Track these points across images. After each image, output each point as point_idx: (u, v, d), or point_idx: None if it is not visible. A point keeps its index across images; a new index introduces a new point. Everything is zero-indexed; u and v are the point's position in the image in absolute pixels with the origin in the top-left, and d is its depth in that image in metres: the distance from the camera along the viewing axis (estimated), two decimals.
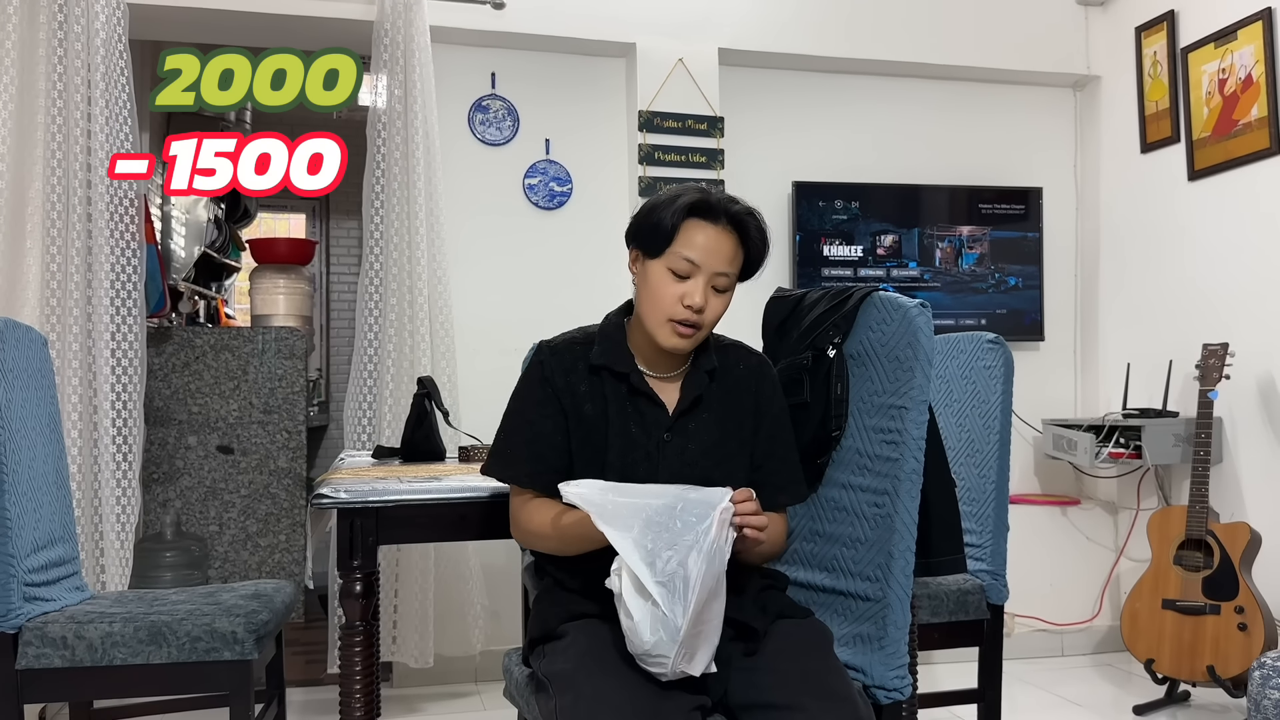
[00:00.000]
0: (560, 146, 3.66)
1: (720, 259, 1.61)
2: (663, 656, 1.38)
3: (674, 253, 1.61)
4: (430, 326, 3.28)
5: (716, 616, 1.44)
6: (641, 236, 1.66)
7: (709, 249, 1.60)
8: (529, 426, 1.68)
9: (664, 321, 1.62)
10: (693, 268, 1.60)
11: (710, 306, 1.62)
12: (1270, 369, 3.27)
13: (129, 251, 3.01)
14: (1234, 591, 2.99)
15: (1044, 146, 4.14)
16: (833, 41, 3.81)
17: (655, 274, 1.63)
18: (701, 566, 1.36)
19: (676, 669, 1.39)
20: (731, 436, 1.69)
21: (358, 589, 1.87)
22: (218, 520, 3.93)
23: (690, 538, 1.38)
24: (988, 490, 2.47)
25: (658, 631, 1.37)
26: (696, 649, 1.40)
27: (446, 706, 3.26)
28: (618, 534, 1.39)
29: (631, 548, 1.38)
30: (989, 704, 2.46)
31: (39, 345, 2.23)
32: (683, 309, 1.60)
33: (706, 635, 1.42)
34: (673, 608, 1.36)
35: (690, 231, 1.61)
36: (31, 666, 1.94)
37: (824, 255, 3.81)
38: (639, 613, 1.38)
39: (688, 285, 1.60)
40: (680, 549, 1.37)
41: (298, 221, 6.63)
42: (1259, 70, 3.29)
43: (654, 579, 1.37)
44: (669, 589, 1.36)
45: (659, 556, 1.37)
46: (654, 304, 1.63)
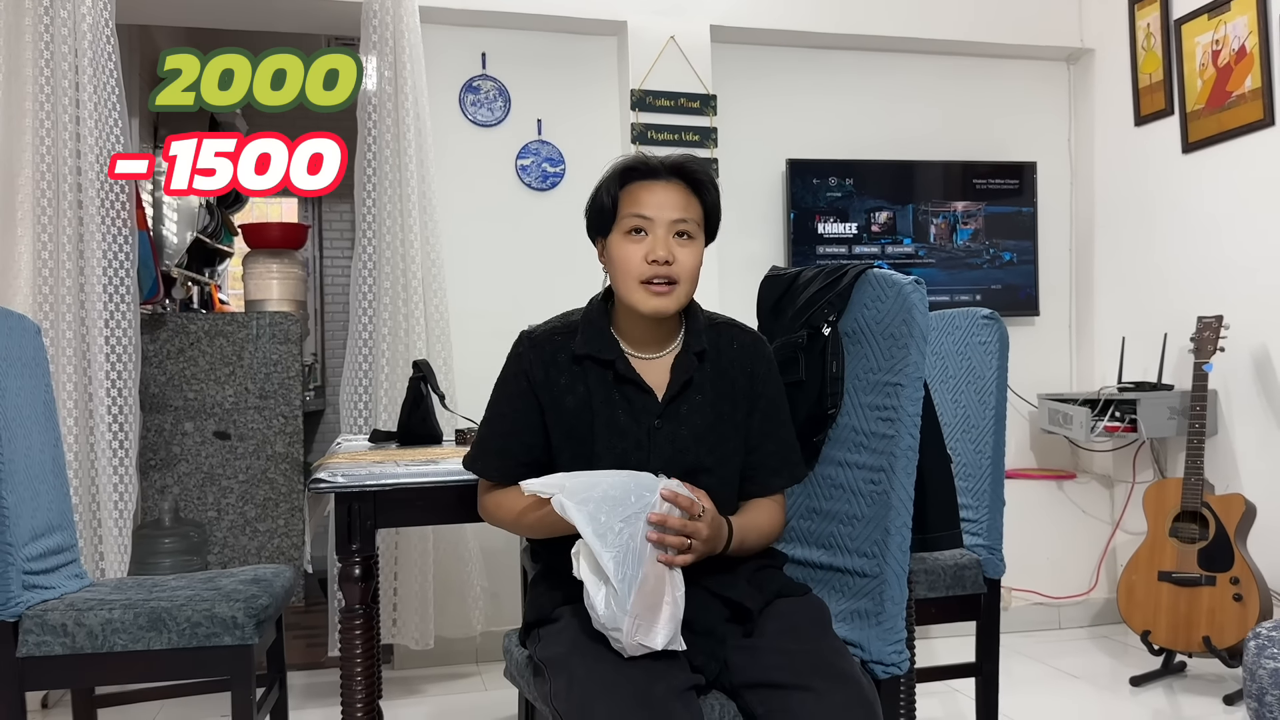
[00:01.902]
0: (552, 127, 3.64)
1: (671, 207, 1.59)
2: (616, 630, 1.39)
3: (623, 218, 1.60)
4: (425, 309, 3.28)
5: (676, 589, 1.45)
6: (593, 223, 1.66)
7: (656, 202, 1.59)
8: (500, 420, 1.68)
9: (636, 286, 1.59)
10: (646, 222, 1.59)
11: (679, 257, 1.59)
12: (1265, 341, 3.28)
13: (120, 238, 3.00)
14: (1229, 563, 3.01)
15: (1038, 121, 4.13)
16: (826, 17, 3.79)
17: (615, 246, 1.61)
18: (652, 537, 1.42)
19: (633, 641, 1.39)
20: (725, 419, 1.66)
21: (357, 572, 1.88)
22: (216, 506, 3.93)
23: (640, 508, 1.43)
24: (984, 465, 2.48)
25: (610, 605, 1.39)
26: (654, 621, 1.40)
27: (448, 688, 3.27)
28: (574, 506, 1.41)
29: (586, 521, 1.40)
30: (986, 677, 2.47)
31: (32, 334, 2.23)
32: (648, 265, 1.57)
33: (665, 608, 1.42)
34: (622, 578, 1.38)
35: (632, 193, 1.61)
36: (32, 654, 1.95)
37: (819, 233, 3.80)
38: (594, 588, 1.40)
39: (647, 241, 1.59)
40: (631, 521, 1.41)
41: (290, 206, 6.60)
42: (1252, 41, 3.28)
43: (606, 551, 1.39)
44: (619, 561, 1.39)
45: (610, 530, 1.40)
46: (623, 273, 1.60)
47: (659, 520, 1.44)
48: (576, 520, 1.40)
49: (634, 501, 1.44)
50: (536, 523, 1.58)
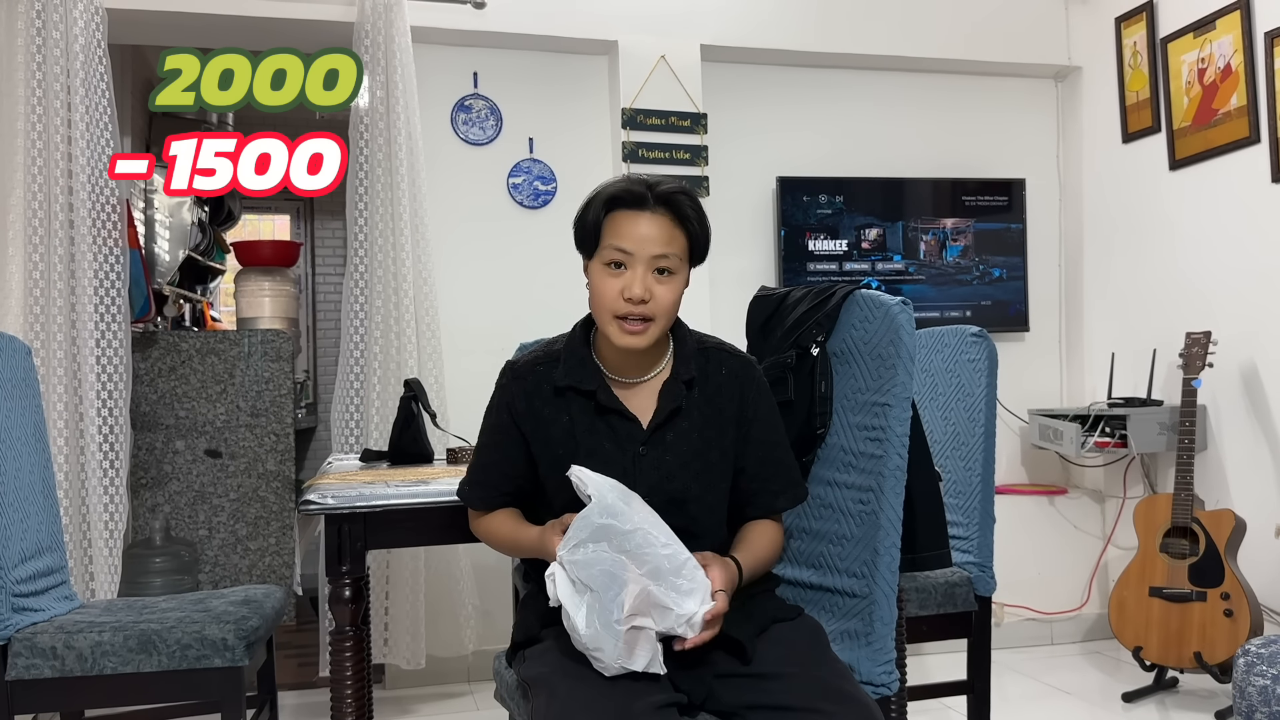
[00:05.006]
0: (544, 145, 3.66)
1: (653, 243, 1.56)
2: (598, 650, 1.39)
3: (605, 247, 1.58)
4: (416, 328, 3.28)
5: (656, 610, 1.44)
6: (578, 240, 1.64)
7: (639, 236, 1.56)
8: (483, 450, 1.71)
9: (611, 320, 1.57)
10: (626, 257, 1.56)
11: (657, 295, 1.55)
12: (1253, 356, 3.30)
13: (112, 257, 3.00)
14: (1220, 578, 3.01)
15: (1026, 138, 4.16)
16: (815, 36, 3.81)
17: (595, 273, 1.60)
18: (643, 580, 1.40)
19: (615, 663, 1.39)
20: (713, 445, 1.63)
21: (347, 594, 1.87)
22: (207, 524, 3.92)
23: (621, 531, 1.42)
24: (974, 483, 2.48)
25: (593, 624, 1.39)
26: (635, 643, 1.40)
27: (439, 707, 3.26)
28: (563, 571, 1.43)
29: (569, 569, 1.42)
30: (978, 694, 2.47)
31: (23, 355, 2.23)
32: (623, 303, 1.55)
33: (646, 631, 1.41)
34: (605, 599, 1.39)
35: (616, 223, 1.58)
36: (21, 677, 1.94)
37: (809, 250, 3.81)
38: (574, 609, 1.40)
39: (625, 277, 1.56)
40: (612, 542, 1.42)
41: (282, 223, 6.60)
42: (1238, 60, 3.31)
43: (585, 572, 1.40)
44: (603, 585, 1.39)
45: (589, 551, 1.42)
46: (599, 304, 1.59)
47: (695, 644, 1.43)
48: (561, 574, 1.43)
49: (617, 527, 1.43)
50: (511, 542, 1.68)
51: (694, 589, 1.42)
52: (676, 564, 1.42)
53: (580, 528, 1.43)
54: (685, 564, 1.43)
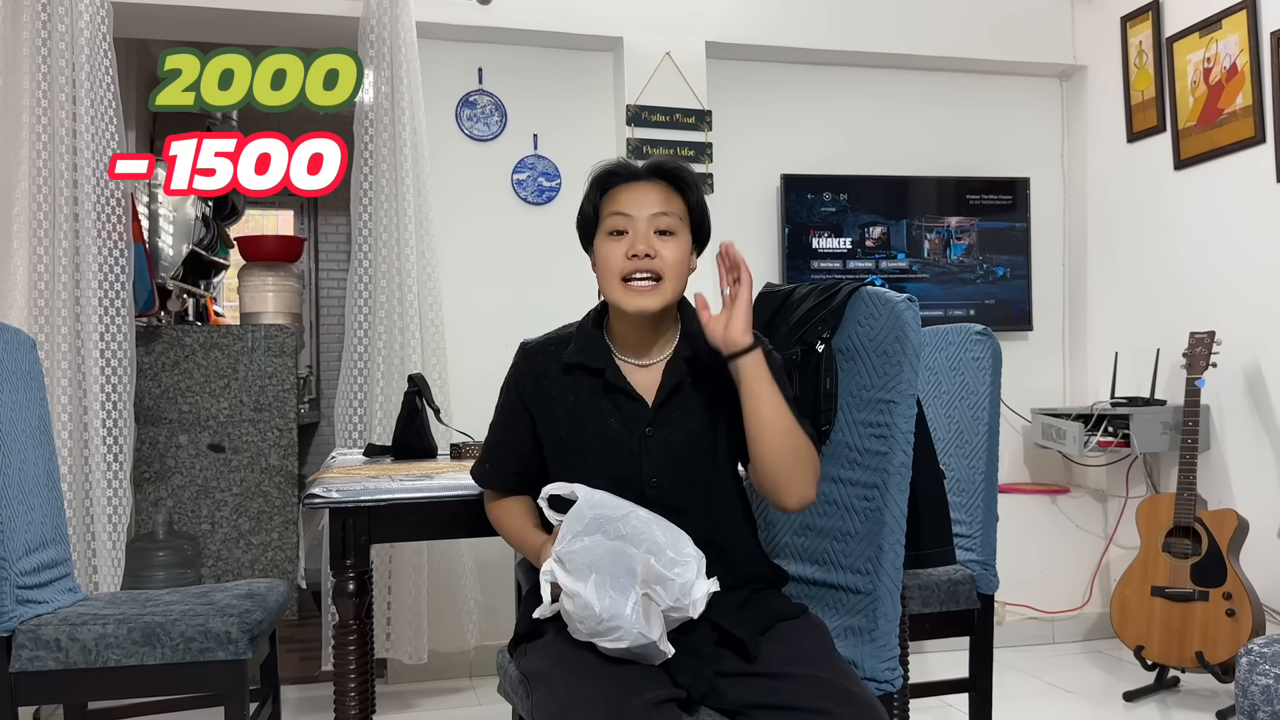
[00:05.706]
0: (548, 141, 3.66)
1: (650, 202, 1.59)
2: (616, 617, 1.38)
3: (605, 220, 1.61)
4: (420, 323, 3.28)
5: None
6: (582, 231, 1.68)
7: (634, 199, 1.59)
8: (494, 429, 1.74)
9: (619, 284, 1.58)
10: (627, 220, 1.59)
11: (662, 252, 1.57)
12: (1256, 356, 3.29)
13: (116, 251, 3.01)
14: (1222, 578, 3.01)
15: (1031, 136, 4.15)
16: (820, 34, 3.81)
17: (599, 248, 1.62)
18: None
19: (635, 629, 1.38)
20: (719, 418, 1.64)
21: (351, 588, 1.88)
22: (210, 519, 3.93)
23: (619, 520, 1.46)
24: (977, 481, 2.49)
25: (607, 594, 1.39)
26: (649, 613, 1.40)
27: (442, 702, 3.26)
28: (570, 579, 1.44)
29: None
30: (980, 692, 2.48)
31: (27, 347, 2.23)
32: (629, 261, 1.57)
33: (655, 607, 1.42)
34: (618, 570, 1.40)
35: (612, 196, 1.62)
36: (25, 669, 1.94)
37: (813, 248, 3.81)
38: (581, 588, 1.40)
39: (628, 238, 1.58)
40: (616, 525, 1.45)
41: (286, 218, 6.60)
42: (1243, 59, 3.31)
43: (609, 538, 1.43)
44: (615, 570, 1.41)
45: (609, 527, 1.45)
46: (606, 273, 1.60)
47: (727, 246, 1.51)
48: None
49: (614, 517, 1.47)
50: (519, 547, 1.69)
51: (689, 560, 1.46)
52: (671, 537, 1.47)
53: (574, 521, 1.44)
54: (679, 538, 1.48)
